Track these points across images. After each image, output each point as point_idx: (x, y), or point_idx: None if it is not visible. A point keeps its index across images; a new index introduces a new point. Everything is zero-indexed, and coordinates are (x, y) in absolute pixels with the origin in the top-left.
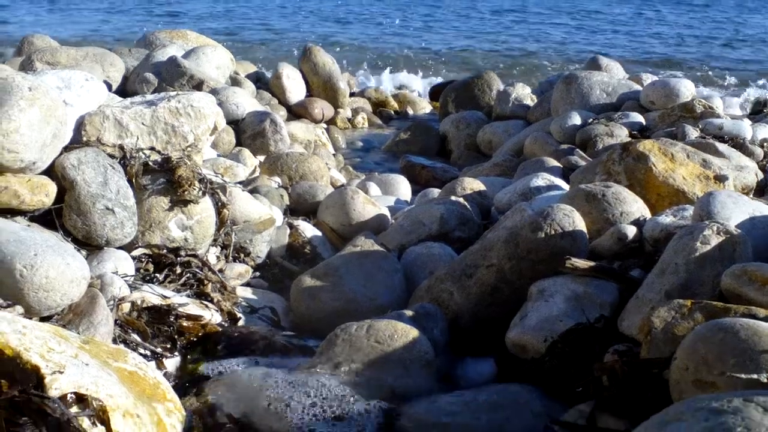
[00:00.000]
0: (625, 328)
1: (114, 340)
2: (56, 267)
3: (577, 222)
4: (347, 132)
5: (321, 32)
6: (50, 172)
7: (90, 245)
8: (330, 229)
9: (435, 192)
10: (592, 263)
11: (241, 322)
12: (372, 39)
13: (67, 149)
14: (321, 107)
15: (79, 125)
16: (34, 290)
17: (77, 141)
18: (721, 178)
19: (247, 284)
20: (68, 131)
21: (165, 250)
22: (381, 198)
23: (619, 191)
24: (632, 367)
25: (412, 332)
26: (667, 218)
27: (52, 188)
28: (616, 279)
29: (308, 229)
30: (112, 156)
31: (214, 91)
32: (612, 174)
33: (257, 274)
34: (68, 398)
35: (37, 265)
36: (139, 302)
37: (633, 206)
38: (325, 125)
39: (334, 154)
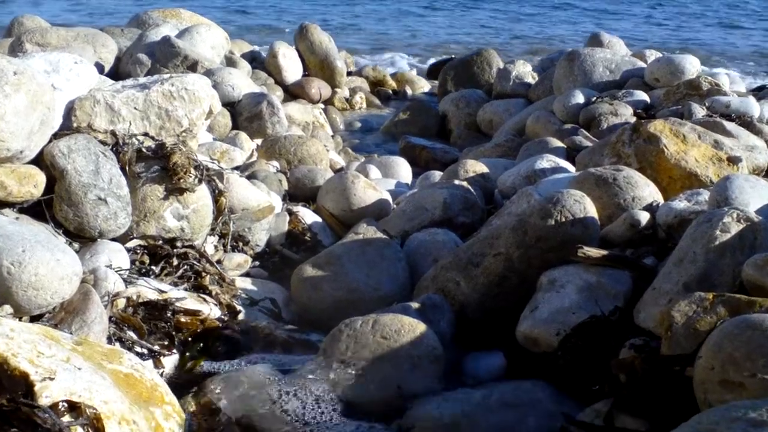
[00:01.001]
0: (641, 320)
1: (109, 338)
2: (46, 264)
3: (588, 208)
4: (345, 112)
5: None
6: (39, 160)
7: (82, 237)
8: (330, 215)
9: (436, 175)
10: (604, 252)
11: (241, 316)
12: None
13: (56, 136)
14: (318, 87)
15: (69, 111)
16: (22, 289)
17: (67, 127)
18: (734, 160)
19: (247, 274)
20: (57, 117)
21: (161, 241)
22: (381, 181)
23: (631, 175)
24: (652, 365)
25: (420, 327)
26: (681, 203)
27: (41, 178)
28: (631, 268)
29: (308, 216)
30: (103, 143)
31: (209, 72)
32: (622, 156)
33: (256, 263)
34: (60, 406)
35: (25, 261)
36: (134, 297)
37: (645, 190)
38: (322, 105)
39: (332, 136)
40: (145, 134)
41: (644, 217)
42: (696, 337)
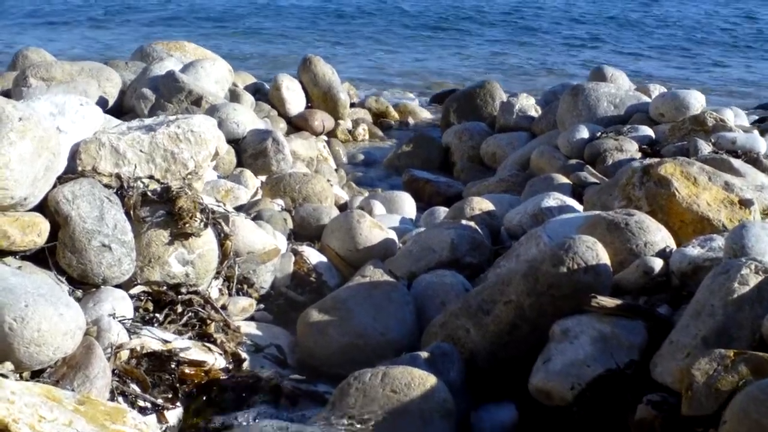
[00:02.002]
0: (658, 375)
1: (111, 392)
2: (49, 319)
3: (601, 255)
4: (348, 144)
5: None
6: (43, 205)
7: (86, 284)
8: (336, 255)
9: (441, 211)
10: (618, 301)
11: (246, 364)
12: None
13: (61, 180)
14: (321, 119)
15: (74, 153)
16: (24, 345)
17: (72, 170)
18: (746, 203)
19: (251, 318)
20: (62, 161)
21: (165, 287)
22: (386, 217)
23: (643, 220)
24: (672, 424)
25: (430, 380)
26: (694, 250)
27: (44, 227)
28: (645, 318)
29: (313, 255)
30: (108, 186)
31: (213, 108)
32: (632, 199)
33: (261, 306)
34: None
35: (28, 317)
36: (138, 349)
37: (657, 235)
38: (326, 138)
39: (336, 170)
40: (151, 177)
41: (658, 264)
42: (717, 398)
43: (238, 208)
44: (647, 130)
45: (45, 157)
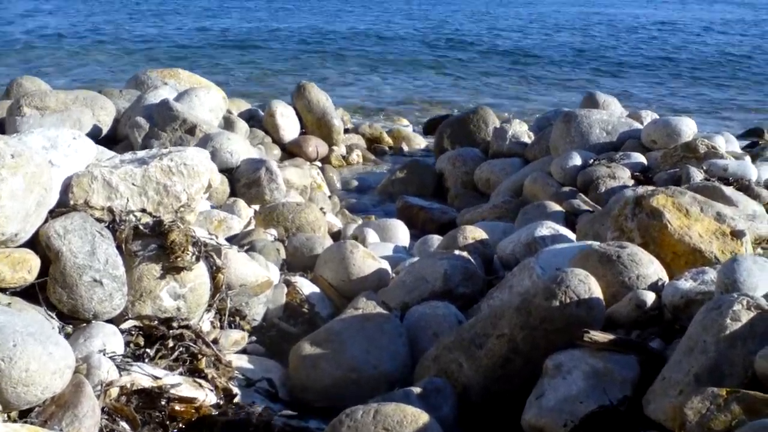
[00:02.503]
0: (651, 411)
1: (100, 431)
2: (38, 358)
3: (593, 288)
4: (342, 170)
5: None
6: (34, 240)
7: (76, 319)
8: (329, 285)
9: (435, 239)
10: (611, 336)
11: (237, 398)
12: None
13: (52, 214)
14: (315, 145)
15: (66, 187)
16: (12, 385)
17: (64, 204)
18: (738, 234)
19: (243, 350)
20: (54, 196)
21: (156, 322)
22: (379, 245)
23: (635, 252)
24: None
25: (422, 417)
26: (687, 283)
27: (35, 263)
28: (638, 353)
29: (306, 286)
30: (100, 220)
31: (207, 137)
32: (624, 231)
33: (253, 338)
34: None
35: (16, 357)
36: (128, 386)
37: (649, 268)
38: (320, 164)
39: (330, 197)
40: (143, 210)
41: (650, 297)
42: None
43: (231, 238)
44: (639, 157)
45: (37, 193)
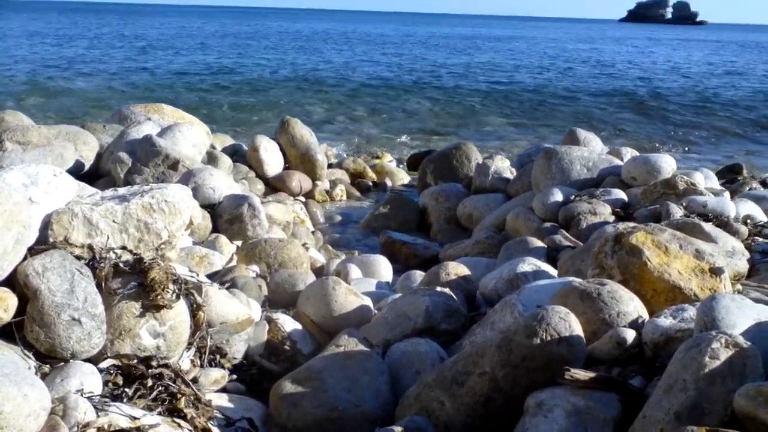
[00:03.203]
0: None
1: None
2: (12, 400)
3: (574, 326)
4: (326, 205)
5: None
6: (11, 278)
7: (54, 358)
8: (311, 322)
9: (417, 275)
10: (592, 374)
11: None
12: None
13: (32, 251)
14: (299, 180)
15: (46, 224)
16: None
17: (44, 240)
18: (717, 272)
19: (224, 389)
20: (33, 233)
21: (135, 360)
22: (362, 281)
23: (615, 290)
24: None
25: None
26: (666, 320)
27: (12, 302)
28: (619, 390)
29: (288, 323)
30: (79, 258)
31: (189, 173)
32: (605, 268)
33: (234, 376)
34: None
35: None
36: (105, 427)
37: (629, 305)
38: (303, 198)
39: (313, 232)
40: (123, 248)
41: (630, 335)
42: None
43: (213, 275)
44: (620, 193)
45: (15, 231)
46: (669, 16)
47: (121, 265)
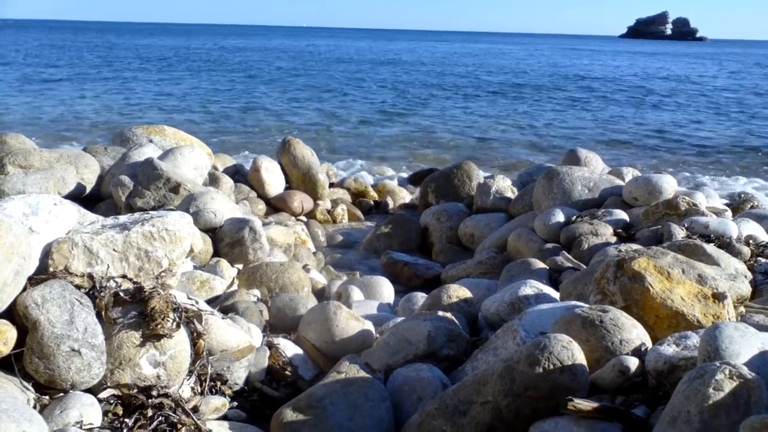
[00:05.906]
0: None
1: None
2: None
3: (576, 354)
4: (327, 225)
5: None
6: (11, 308)
7: (53, 389)
8: (312, 347)
9: (419, 296)
10: (595, 404)
11: None
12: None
13: (31, 281)
14: (300, 200)
15: (47, 253)
16: None
17: (44, 269)
18: (719, 297)
19: (225, 417)
20: (33, 264)
21: (135, 390)
22: (364, 303)
23: (618, 317)
24: None
25: None
26: (669, 348)
27: (11, 335)
28: (623, 421)
29: (289, 348)
30: (80, 287)
31: (191, 197)
32: (607, 294)
33: (234, 403)
34: None
35: None
36: None
37: (632, 333)
38: (305, 218)
39: (314, 253)
40: (123, 276)
41: (633, 363)
42: None
43: (214, 299)
44: (622, 214)
45: (15, 263)
46: (669, 32)
47: (122, 294)
